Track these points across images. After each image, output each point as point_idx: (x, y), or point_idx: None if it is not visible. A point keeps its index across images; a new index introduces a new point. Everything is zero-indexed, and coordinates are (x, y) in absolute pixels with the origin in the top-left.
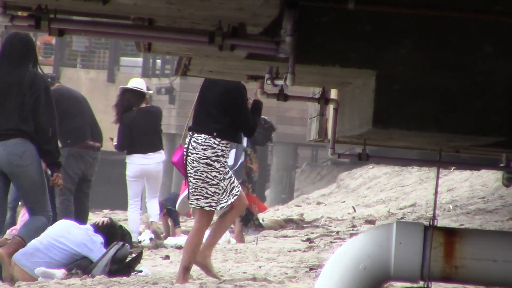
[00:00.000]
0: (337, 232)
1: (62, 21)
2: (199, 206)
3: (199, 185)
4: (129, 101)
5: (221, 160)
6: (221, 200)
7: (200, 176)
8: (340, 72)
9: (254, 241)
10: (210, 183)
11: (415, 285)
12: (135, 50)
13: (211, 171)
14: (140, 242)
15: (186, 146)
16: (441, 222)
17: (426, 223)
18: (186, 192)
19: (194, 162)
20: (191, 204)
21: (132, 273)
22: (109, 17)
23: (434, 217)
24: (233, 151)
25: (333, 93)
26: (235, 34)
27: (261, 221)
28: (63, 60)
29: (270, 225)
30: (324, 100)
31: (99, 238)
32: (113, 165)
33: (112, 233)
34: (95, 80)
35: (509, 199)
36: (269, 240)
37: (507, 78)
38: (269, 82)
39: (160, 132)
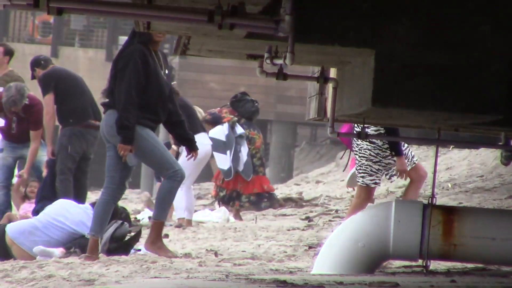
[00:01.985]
0: (336, 211)
1: (61, 0)
2: (365, 184)
3: (364, 163)
4: None
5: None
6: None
7: (364, 153)
8: (339, 51)
9: (253, 219)
10: (373, 160)
11: (413, 263)
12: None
13: (374, 149)
14: (139, 220)
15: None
16: (439, 201)
17: (425, 202)
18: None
19: (359, 140)
20: (358, 181)
21: (131, 252)
22: None
23: (433, 196)
24: (226, 156)
25: (332, 72)
26: (235, 13)
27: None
28: (61, 39)
29: (269, 204)
30: (323, 79)
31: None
32: None
33: None
34: (94, 59)
35: (508, 177)
36: (268, 219)
37: (505, 55)
38: (268, 61)
39: None
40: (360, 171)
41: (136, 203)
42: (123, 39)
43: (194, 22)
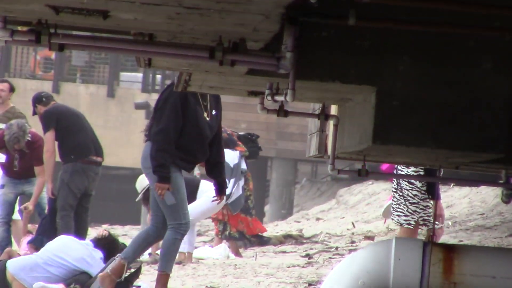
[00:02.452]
0: (336, 248)
1: (63, 36)
2: (399, 223)
3: (402, 202)
4: None
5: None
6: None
7: (402, 193)
8: (340, 88)
9: (253, 256)
10: (410, 201)
11: None
12: (135, 65)
13: (412, 189)
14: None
15: None
16: (440, 239)
17: (425, 240)
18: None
19: (399, 179)
20: (392, 219)
21: None
22: (109, 32)
23: (433, 234)
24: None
25: (333, 109)
26: (236, 49)
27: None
28: (63, 75)
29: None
30: (324, 116)
31: (99, 253)
32: (112, 180)
33: (111, 248)
34: (95, 95)
35: (508, 215)
36: (268, 256)
37: (506, 94)
38: (269, 98)
39: None
40: (398, 209)
41: None
42: (124, 75)
43: (195, 59)
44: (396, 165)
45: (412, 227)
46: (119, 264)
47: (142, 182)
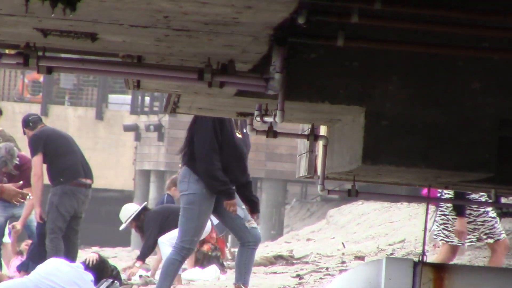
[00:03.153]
0: (327, 268)
1: (51, 59)
2: (444, 241)
3: (439, 222)
4: None
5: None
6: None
7: (440, 215)
8: (329, 109)
9: None
10: (445, 224)
11: None
12: (123, 87)
13: (448, 212)
14: (129, 279)
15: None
16: (430, 258)
17: (416, 259)
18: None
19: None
20: (433, 237)
21: None
22: (98, 55)
23: (423, 253)
24: None
25: (323, 130)
26: (224, 71)
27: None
28: (51, 97)
29: (259, 262)
30: (313, 136)
31: (89, 276)
32: (102, 202)
33: (102, 270)
34: (84, 118)
35: None
36: (259, 277)
37: (495, 113)
38: (258, 119)
39: None
40: (438, 229)
41: (127, 261)
42: (113, 97)
43: (184, 80)
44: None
45: (451, 244)
46: None
47: (126, 211)
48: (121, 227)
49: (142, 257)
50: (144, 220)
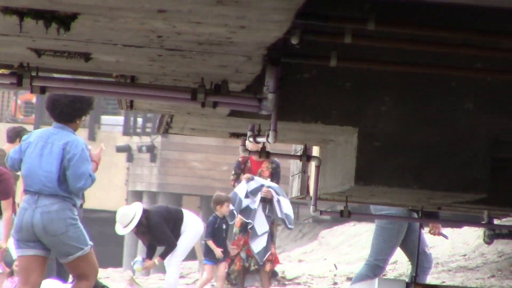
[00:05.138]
0: None
1: (44, 79)
2: None
3: None
4: None
5: None
6: None
7: None
8: (322, 129)
9: None
10: None
11: None
12: (116, 108)
13: None
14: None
15: None
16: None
17: (408, 280)
18: None
19: None
20: None
21: None
22: (91, 75)
23: (416, 274)
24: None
25: (315, 151)
26: (218, 91)
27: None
28: (44, 118)
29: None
30: (306, 157)
31: None
32: (93, 222)
33: None
34: None
35: (490, 256)
36: None
37: (488, 134)
38: (251, 139)
39: None
40: None
41: (119, 282)
42: (105, 118)
43: (177, 101)
44: None
45: None
46: None
47: (126, 216)
48: (122, 232)
49: (164, 256)
50: (146, 224)
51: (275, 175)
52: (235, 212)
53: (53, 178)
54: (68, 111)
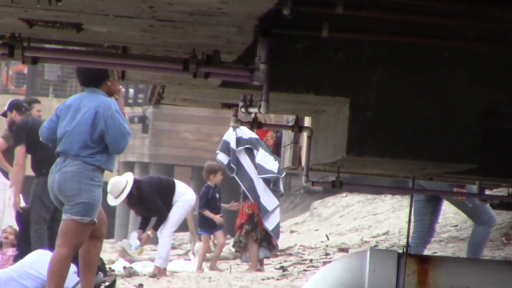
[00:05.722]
0: (311, 260)
1: (36, 49)
2: None
3: None
4: None
5: None
6: None
7: None
8: (314, 100)
9: (227, 269)
10: None
11: None
12: None
13: None
14: (113, 270)
15: None
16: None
17: (400, 251)
18: None
19: None
20: None
21: None
22: (83, 45)
23: (407, 245)
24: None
25: (307, 121)
26: (209, 61)
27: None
28: (35, 89)
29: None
30: (298, 128)
31: (73, 267)
32: None
33: None
34: None
35: None
36: (243, 269)
37: (479, 106)
38: (243, 110)
39: None
40: None
41: (110, 253)
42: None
43: (169, 71)
44: None
45: None
46: None
47: (116, 186)
48: (113, 203)
49: (156, 227)
50: (137, 194)
51: (279, 145)
52: (232, 165)
53: (79, 140)
54: (89, 77)
